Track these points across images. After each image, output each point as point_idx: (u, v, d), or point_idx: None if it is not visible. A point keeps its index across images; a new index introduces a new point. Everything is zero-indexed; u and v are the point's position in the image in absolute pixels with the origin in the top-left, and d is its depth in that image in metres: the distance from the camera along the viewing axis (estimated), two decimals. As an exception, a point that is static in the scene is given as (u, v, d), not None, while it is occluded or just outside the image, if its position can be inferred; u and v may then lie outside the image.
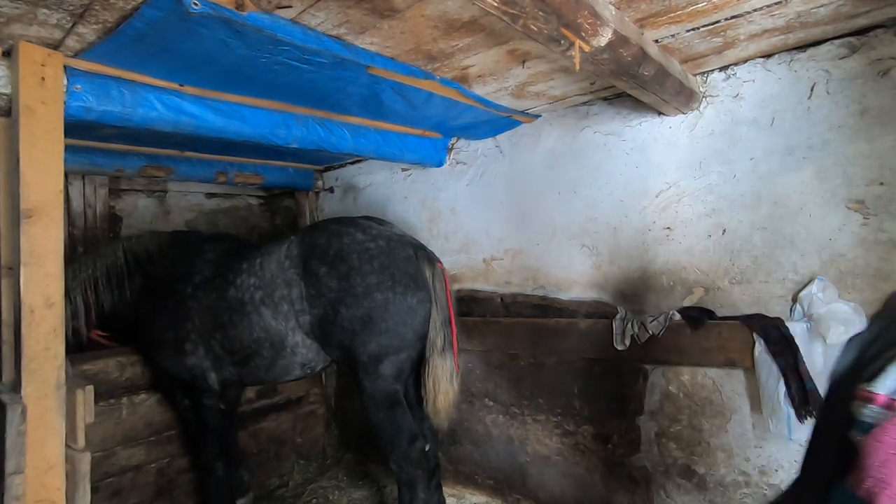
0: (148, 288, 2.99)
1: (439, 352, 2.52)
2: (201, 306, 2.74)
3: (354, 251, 2.51)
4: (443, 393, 2.49)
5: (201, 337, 2.75)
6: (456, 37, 1.88)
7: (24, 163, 1.66)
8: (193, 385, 2.85)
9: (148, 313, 2.90)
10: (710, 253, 2.44)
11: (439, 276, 2.60)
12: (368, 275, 2.46)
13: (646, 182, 2.64)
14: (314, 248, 2.58)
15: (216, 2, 1.45)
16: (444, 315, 2.59)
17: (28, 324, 1.63)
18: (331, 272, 2.49)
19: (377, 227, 2.68)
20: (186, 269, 2.89)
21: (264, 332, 2.61)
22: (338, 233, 2.59)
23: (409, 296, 2.49)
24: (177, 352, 2.78)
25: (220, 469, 2.95)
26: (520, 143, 3.16)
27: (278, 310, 2.57)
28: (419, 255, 2.61)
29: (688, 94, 2.30)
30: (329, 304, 2.48)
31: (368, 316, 2.44)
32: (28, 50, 1.69)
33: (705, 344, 2.36)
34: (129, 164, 3.11)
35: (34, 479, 1.58)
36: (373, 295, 2.44)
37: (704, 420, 2.44)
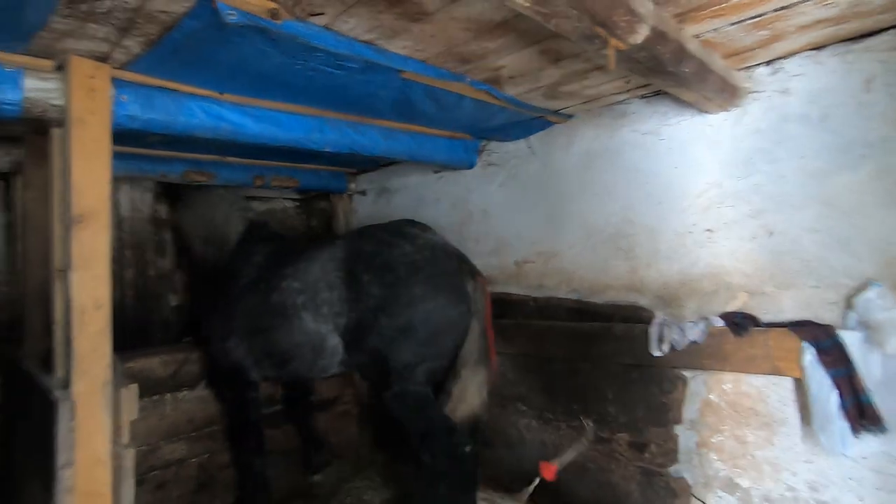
0: (210, 278, 3.19)
1: (474, 361, 2.54)
2: (246, 308, 2.84)
3: (402, 263, 2.53)
4: (466, 403, 2.51)
5: (244, 337, 2.84)
6: (487, 38, 1.86)
7: (75, 170, 1.74)
8: (237, 379, 2.96)
9: (203, 308, 3.10)
10: (755, 256, 2.33)
11: (480, 288, 2.64)
12: (414, 286, 2.49)
13: (686, 182, 2.55)
14: (360, 254, 2.62)
15: (251, 12, 1.48)
16: (481, 327, 2.61)
17: (78, 325, 1.71)
18: (375, 280, 2.52)
19: (422, 236, 2.68)
20: (235, 270, 3.01)
21: (305, 335, 2.67)
22: (387, 243, 2.61)
23: (451, 308, 2.52)
24: (224, 348, 2.90)
25: (259, 465, 3.04)
26: (553, 144, 3.11)
27: (319, 312, 2.62)
28: (462, 268, 2.64)
29: (731, 90, 2.21)
30: (369, 311, 2.51)
31: (409, 325, 2.46)
32: (78, 63, 1.77)
33: (750, 351, 2.25)
34: (172, 170, 3.23)
35: (83, 473, 1.66)
36: (416, 305, 2.46)
37: (749, 431, 2.32)
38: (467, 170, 3.51)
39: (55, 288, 1.91)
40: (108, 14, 1.54)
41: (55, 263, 1.91)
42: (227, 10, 1.45)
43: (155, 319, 3.83)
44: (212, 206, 3.35)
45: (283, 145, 2.49)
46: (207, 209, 3.34)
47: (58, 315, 1.91)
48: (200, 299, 3.19)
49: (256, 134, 2.34)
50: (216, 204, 3.36)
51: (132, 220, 3.78)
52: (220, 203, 3.37)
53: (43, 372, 2.03)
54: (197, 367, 3.18)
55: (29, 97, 1.76)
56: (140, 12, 1.55)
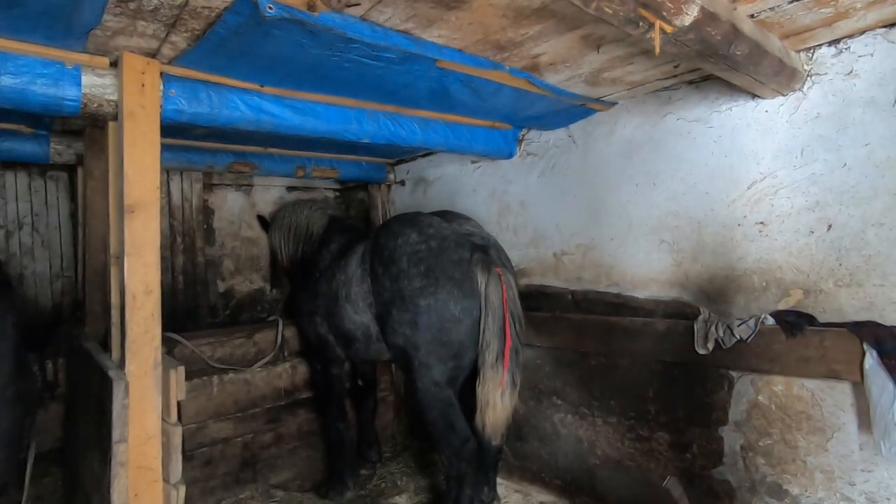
0: (301, 266, 3.50)
1: (490, 364, 2.38)
2: (321, 291, 3.04)
3: (405, 253, 2.50)
4: (491, 407, 2.36)
5: (324, 316, 3.06)
6: (525, 24, 1.81)
7: (127, 162, 1.83)
8: (325, 354, 3.20)
9: (296, 287, 3.41)
10: (812, 251, 2.18)
11: (495, 281, 2.41)
12: (414, 278, 2.44)
13: (736, 172, 2.41)
14: (376, 247, 2.68)
15: (289, 4, 1.50)
16: (499, 325, 2.40)
17: (130, 309, 1.81)
18: (385, 273, 2.55)
19: (438, 225, 2.60)
20: (318, 256, 3.27)
21: (352, 323, 2.82)
22: (395, 233, 2.61)
23: (451, 304, 2.39)
24: (311, 322, 3.16)
25: (343, 430, 3.29)
26: (594, 133, 3.01)
27: (356, 305, 2.76)
28: (474, 258, 2.45)
29: (788, 73, 2.06)
30: (384, 304, 2.56)
31: (415, 321, 2.44)
32: (130, 59, 1.86)
33: (804, 352, 2.12)
34: (218, 161, 3.36)
35: (135, 448, 1.77)
36: (416, 300, 2.42)
37: (800, 436, 2.20)
38: (506, 160, 3.46)
39: (111, 273, 2.03)
40: (155, 11, 1.60)
41: (111, 250, 2.03)
42: (266, 3, 1.47)
43: (203, 304, 4.02)
44: (294, 213, 3.69)
45: (322, 136, 2.53)
46: (292, 217, 3.68)
47: (114, 299, 2.03)
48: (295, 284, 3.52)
49: (296, 126, 2.39)
50: (297, 211, 3.69)
51: (182, 209, 3.96)
52: (301, 208, 3.71)
53: (101, 352, 2.16)
54: (242, 351, 3.31)
55: (87, 93, 1.86)
56: (185, 8, 1.60)
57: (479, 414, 2.41)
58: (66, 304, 3.49)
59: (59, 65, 1.82)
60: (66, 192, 3.64)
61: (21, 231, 3.48)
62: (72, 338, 2.62)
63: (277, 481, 3.38)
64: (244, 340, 3.34)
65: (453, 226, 2.66)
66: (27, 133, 2.77)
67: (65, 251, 3.62)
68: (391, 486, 3.42)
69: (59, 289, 3.58)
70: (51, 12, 1.54)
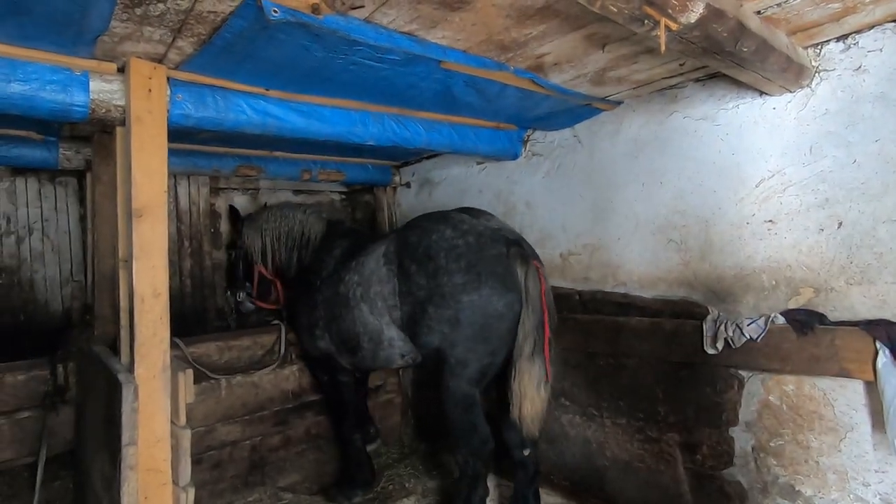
0: (299, 276, 3.39)
1: (527, 356, 2.33)
2: (324, 298, 2.98)
3: (442, 249, 2.45)
4: (529, 399, 2.32)
5: (326, 325, 3.00)
6: (529, 24, 1.81)
7: (135, 167, 1.84)
8: (328, 364, 3.18)
9: (294, 299, 3.32)
10: (822, 249, 2.16)
11: (533, 274, 2.40)
12: (455, 274, 2.39)
13: (743, 170, 2.39)
14: (406, 245, 2.61)
15: (293, 7, 1.51)
16: (537, 318, 2.38)
17: (139, 312, 1.82)
18: (420, 270, 2.49)
19: (470, 221, 2.58)
20: (319, 264, 3.18)
21: (363, 326, 2.74)
22: (428, 230, 2.57)
23: (495, 298, 2.36)
24: (311, 336, 3.11)
25: (358, 440, 3.26)
26: (600, 132, 3.00)
27: (374, 305, 2.68)
28: (511, 253, 2.44)
29: (796, 69, 2.04)
30: (418, 303, 2.49)
31: (456, 318, 2.38)
32: (137, 65, 1.87)
33: (815, 351, 2.10)
34: (225, 165, 3.37)
35: (144, 451, 1.77)
36: (459, 297, 2.37)
37: (812, 436, 2.17)
38: (511, 161, 3.46)
39: (120, 277, 2.04)
40: (161, 16, 1.61)
41: (120, 254, 2.04)
42: (270, 7, 1.48)
43: (211, 307, 4.03)
44: (286, 218, 3.48)
45: (327, 139, 2.53)
46: (282, 222, 3.48)
47: (122, 302, 2.05)
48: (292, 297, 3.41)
49: (301, 129, 2.39)
50: (289, 215, 3.50)
51: (189, 213, 3.99)
52: (293, 212, 3.53)
53: (110, 355, 2.18)
54: (248, 354, 3.33)
55: (95, 98, 1.88)
56: (191, 13, 1.61)
57: (516, 408, 2.35)
58: (76, 308, 3.52)
59: (68, 71, 1.84)
60: (76, 197, 3.68)
61: (31, 236, 3.52)
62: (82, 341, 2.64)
63: (285, 484, 3.38)
64: (251, 343, 3.35)
65: (482, 221, 2.62)
66: (37, 139, 2.80)
67: (74, 255, 3.65)
68: (399, 488, 3.42)
69: (70, 293, 3.61)
70: (59, 19, 1.55)
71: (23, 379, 2.61)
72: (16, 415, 2.58)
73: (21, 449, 2.59)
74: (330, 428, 3.61)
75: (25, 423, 2.60)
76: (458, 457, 2.57)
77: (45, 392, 2.64)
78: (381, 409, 4.04)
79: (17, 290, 3.45)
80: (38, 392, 2.63)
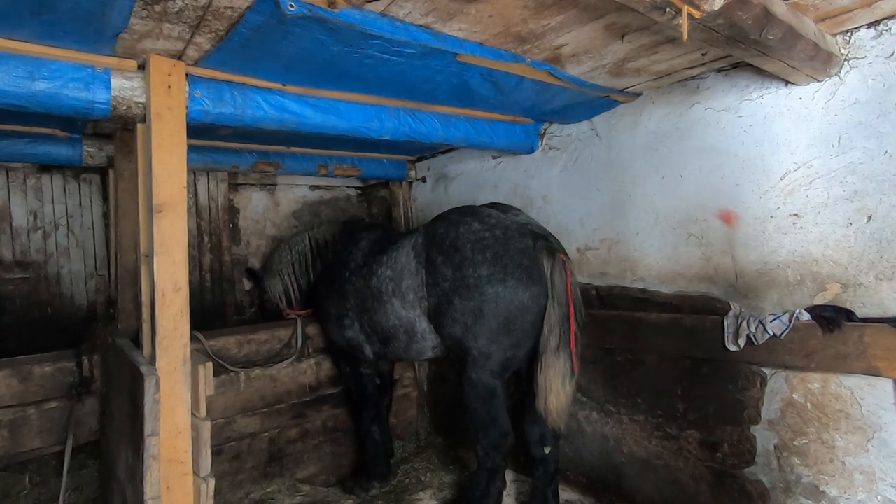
0: (324, 270, 3.47)
1: (553, 350, 2.34)
2: (355, 289, 3.03)
3: (469, 241, 2.47)
4: (554, 393, 2.33)
5: (357, 315, 3.05)
6: (547, 15, 1.78)
7: (155, 163, 1.87)
8: (353, 355, 3.23)
9: (322, 292, 3.37)
10: (851, 243, 2.09)
11: (559, 268, 2.40)
12: (480, 265, 2.39)
13: (768, 163, 2.33)
14: (434, 237, 2.62)
15: (309, 1, 1.50)
16: (563, 311, 2.38)
17: (160, 306, 1.85)
18: (446, 261, 2.49)
19: (497, 215, 2.59)
20: (346, 255, 3.24)
21: (398, 319, 2.78)
22: (455, 222, 2.58)
23: (521, 290, 2.36)
24: (339, 325, 3.17)
25: (376, 433, 3.31)
26: (618, 125, 2.95)
27: (406, 299, 2.71)
28: (538, 246, 2.45)
29: (824, 57, 1.97)
30: (444, 294, 2.49)
31: (480, 310, 2.39)
32: (157, 62, 1.89)
33: (842, 348, 2.04)
34: (243, 161, 3.41)
35: (166, 442, 1.81)
36: (483, 288, 2.37)
37: (838, 435, 2.12)
38: (527, 154, 3.43)
39: (142, 272, 2.08)
40: (180, 13, 1.63)
41: (141, 249, 2.08)
42: (287, 2, 1.48)
43: (230, 301, 4.09)
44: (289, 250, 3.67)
45: (343, 134, 2.53)
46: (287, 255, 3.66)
47: (144, 297, 2.08)
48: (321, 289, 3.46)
49: (318, 124, 2.40)
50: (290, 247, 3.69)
51: (209, 208, 4.04)
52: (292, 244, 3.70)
53: (133, 348, 2.22)
54: (267, 348, 3.37)
55: (116, 95, 1.91)
56: (209, 9, 1.62)
57: (541, 401, 2.37)
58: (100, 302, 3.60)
59: (90, 69, 1.87)
60: (99, 193, 3.76)
61: (57, 232, 3.61)
62: (106, 334, 2.70)
63: (303, 476, 3.43)
64: (269, 337, 3.39)
65: (509, 216, 2.64)
66: (61, 137, 2.86)
67: (98, 251, 3.74)
68: (415, 482, 3.44)
69: (94, 287, 3.70)
70: (80, 17, 1.58)
71: (50, 370, 2.69)
72: (44, 405, 2.65)
73: (49, 438, 2.67)
74: (346, 421, 3.65)
75: (53, 412, 2.67)
76: (478, 449, 2.57)
77: (71, 383, 2.72)
78: (397, 403, 4.05)
79: (44, 284, 3.54)
80: (64, 383, 2.71)
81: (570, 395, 2.38)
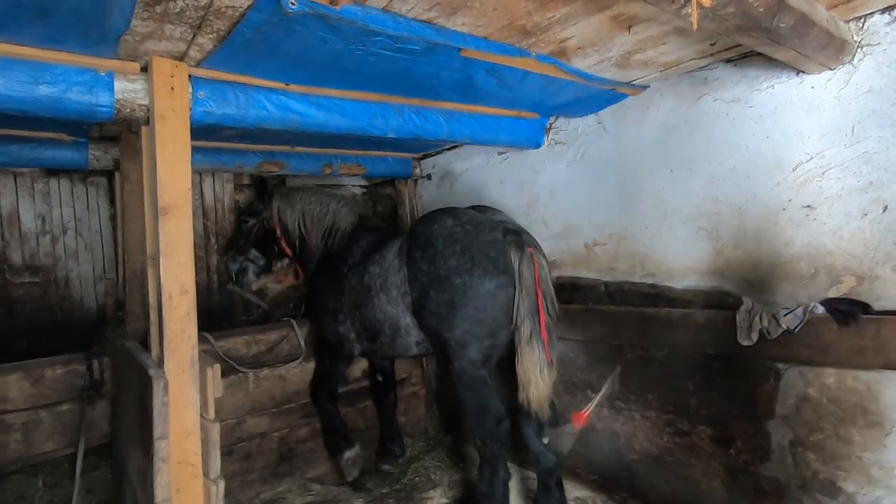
0: (323, 260, 3.46)
1: (526, 340, 2.42)
2: (350, 286, 3.07)
3: (441, 235, 2.58)
4: (533, 384, 2.39)
5: (349, 312, 3.09)
6: (551, 7, 1.75)
7: (160, 165, 1.86)
8: (338, 350, 3.27)
9: (319, 283, 3.38)
10: (866, 235, 2.05)
11: (528, 260, 2.47)
12: (449, 258, 2.50)
13: (779, 154, 2.29)
14: (414, 235, 2.74)
15: (311, -1, 1.48)
16: (531, 301, 2.44)
17: (167, 308, 1.85)
18: (423, 257, 2.61)
19: (473, 214, 2.71)
20: (346, 252, 3.27)
21: (383, 314, 2.85)
22: (432, 220, 2.71)
23: (486, 280, 2.45)
24: (334, 320, 3.18)
25: (332, 409, 3.39)
26: (625, 118, 2.91)
27: (390, 295, 2.80)
28: (507, 239, 2.53)
29: (837, 45, 1.93)
30: (422, 288, 2.60)
31: (451, 300, 2.48)
32: (159, 63, 1.88)
33: (858, 342, 2.00)
34: (248, 161, 3.40)
35: (176, 445, 1.81)
36: (452, 279, 2.48)
37: (855, 430, 2.08)
38: (534, 150, 3.39)
39: (149, 274, 2.08)
40: (181, 13, 1.61)
41: (148, 251, 2.08)
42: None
43: (237, 302, 4.10)
44: (319, 203, 3.56)
45: (348, 133, 2.52)
46: (315, 206, 3.55)
47: (152, 299, 2.08)
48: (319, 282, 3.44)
49: (322, 123, 2.38)
50: (322, 201, 3.57)
51: (215, 209, 4.05)
52: (326, 200, 3.58)
53: (141, 351, 2.23)
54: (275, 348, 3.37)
55: (119, 98, 1.90)
56: (210, 9, 1.60)
57: (522, 392, 2.45)
58: (109, 305, 3.63)
59: (93, 72, 1.86)
60: (106, 196, 3.78)
61: (66, 235, 3.63)
62: (115, 337, 2.72)
63: (314, 475, 3.43)
64: (278, 337, 3.40)
65: (486, 215, 2.74)
66: (67, 141, 2.87)
67: (106, 253, 3.76)
68: (425, 480, 3.43)
69: (103, 290, 3.72)
70: (81, 19, 1.57)
71: (61, 373, 2.70)
72: (56, 408, 2.67)
73: (61, 440, 2.69)
74: (355, 419, 3.65)
75: (65, 415, 2.69)
76: (476, 441, 2.61)
77: (82, 386, 2.74)
78: (405, 401, 4.05)
79: (53, 287, 3.57)
80: (75, 386, 2.73)
81: (549, 384, 2.45)
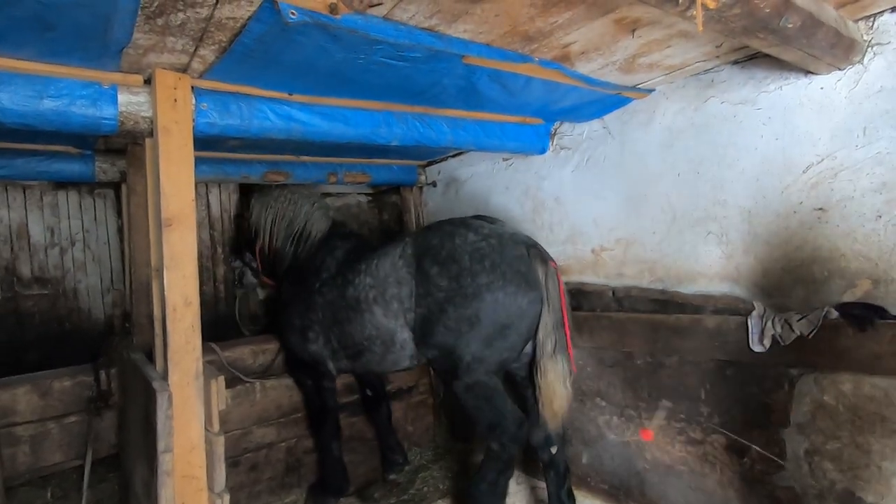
0: (291, 270, 3.32)
1: (550, 355, 2.44)
2: (325, 301, 2.95)
3: (466, 251, 2.51)
4: (557, 396, 2.42)
5: (322, 329, 2.97)
6: (554, 12, 1.73)
7: (163, 177, 1.86)
8: (315, 369, 3.12)
9: (287, 296, 3.24)
10: (881, 237, 2.00)
11: (552, 275, 2.50)
12: (479, 274, 2.44)
13: (789, 156, 2.25)
14: (428, 248, 2.62)
15: (311, 8, 1.48)
16: (557, 317, 2.49)
17: (171, 320, 1.84)
18: (442, 272, 2.51)
19: (488, 226, 2.66)
20: (319, 263, 3.13)
21: (376, 329, 2.73)
22: (451, 233, 2.61)
23: (519, 296, 2.43)
24: (302, 337, 3.06)
25: (336, 448, 3.19)
26: (631, 122, 2.88)
27: (389, 308, 2.67)
28: (532, 254, 2.53)
29: (846, 45, 1.89)
30: (436, 304, 2.50)
31: (476, 316, 2.42)
32: (162, 76, 1.89)
33: (875, 348, 1.95)
34: (253, 171, 3.41)
35: (180, 458, 1.80)
36: (482, 295, 2.41)
37: (873, 439, 2.02)
38: (538, 155, 3.37)
39: (153, 286, 2.07)
40: (182, 26, 1.62)
41: (152, 263, 2.08)
42: (288, 9, 1.46)
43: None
44: (293, 204, 3.43)
45: (351, 142, 2.51)
46: (289, 207, 3.42)
47: (156, 311, 2.08)
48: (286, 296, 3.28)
49: (325, 132, 2.38)
50: (295, 203, 3.44)
51: (221, 220, 4.07)
52: (299, 201, 3.44)
53: (147, 363, 2.22)
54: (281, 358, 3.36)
55: (123, 111, 1.91)
56: (211, 21, 1.60)
57: (544, 406, 2.47)
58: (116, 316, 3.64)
59: (97, 85, 1.87)
60: (114, 208, 3.81)
61: (74, 247, 3.66)
62: (122, 348, 2.72)
63: (321, 486, 3.40)
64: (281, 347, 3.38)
65: (498, 227, 2.70)
66: (74, 154, 2.89)
67: (114, 265, 3.78)
68: (433, 489, 3.40)
69: (111, 301, 3.74)
70: (83, 33, 1.57)
71: (69, 385, 2.71)
72: (64, 419, 2.68)
73: (69, 452, 2.69)
74: (362, 429, 3.62)
75: (72, 427, 2.69)
76: (493, 445, 2.53)
77: (89, 397, 2.74)
78: (413, 410, 4.02)
79: (62, 299, 3.59)
80: (83, 397, 2.73)
81: (570, 396, 2.50)
